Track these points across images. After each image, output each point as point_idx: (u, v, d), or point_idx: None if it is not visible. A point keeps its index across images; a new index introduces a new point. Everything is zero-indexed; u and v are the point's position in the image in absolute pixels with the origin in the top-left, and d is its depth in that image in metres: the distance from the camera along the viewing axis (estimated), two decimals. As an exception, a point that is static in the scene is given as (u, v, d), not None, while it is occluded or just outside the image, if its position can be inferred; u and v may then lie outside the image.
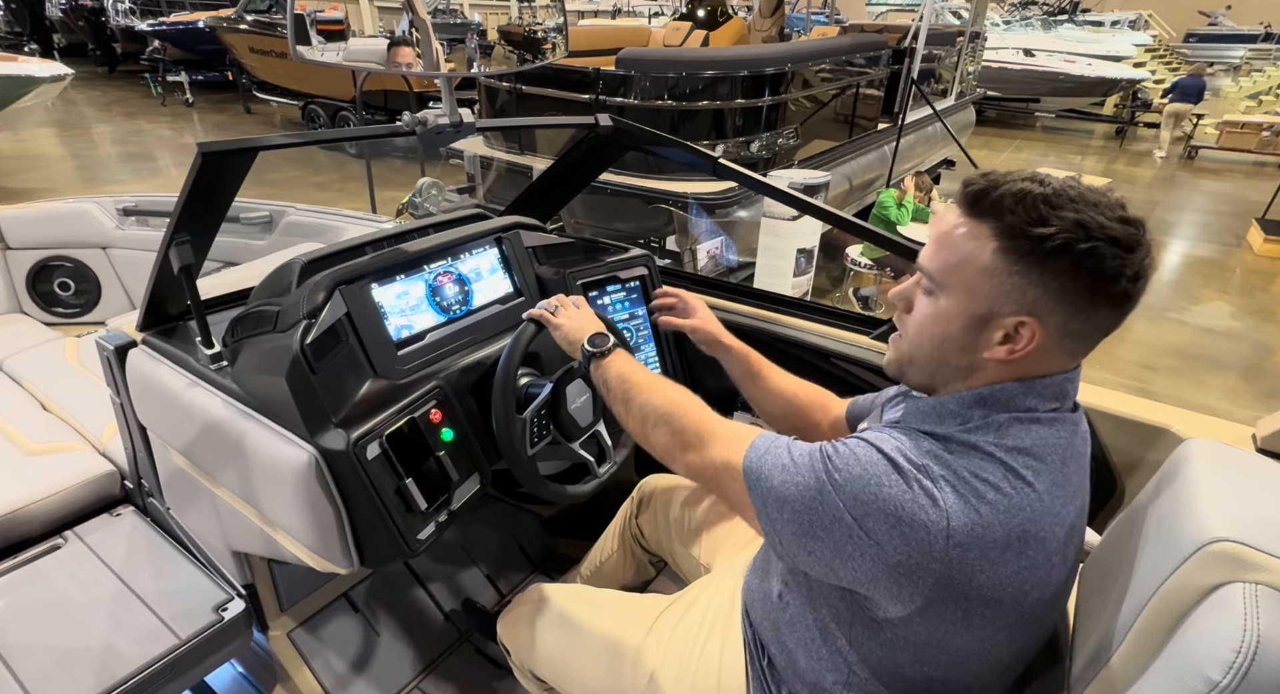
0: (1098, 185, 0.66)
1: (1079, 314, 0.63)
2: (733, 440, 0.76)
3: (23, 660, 1.17)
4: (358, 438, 0.97)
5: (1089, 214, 0.61)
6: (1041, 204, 0.62)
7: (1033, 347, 0.65)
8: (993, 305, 0.65)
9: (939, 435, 0.67)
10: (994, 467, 0.64)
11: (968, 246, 0.66)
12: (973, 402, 0.68)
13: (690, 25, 5.51)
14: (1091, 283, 0.62)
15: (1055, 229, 0.61)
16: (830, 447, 0.68)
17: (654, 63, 3.54)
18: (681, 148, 1.29)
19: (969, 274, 0.66)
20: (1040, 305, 0.63)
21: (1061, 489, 0.66)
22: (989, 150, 8.96)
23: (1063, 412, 0.69)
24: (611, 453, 1.19)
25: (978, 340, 0.67)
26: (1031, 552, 0.64)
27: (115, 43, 12.09)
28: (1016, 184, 0.64)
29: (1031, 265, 0.62)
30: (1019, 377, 0.68)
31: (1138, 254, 0.62)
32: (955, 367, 0.70)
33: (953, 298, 0.68)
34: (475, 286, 1.28)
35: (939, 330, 0.69)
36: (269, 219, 2.18)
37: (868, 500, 0.63)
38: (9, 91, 5.63)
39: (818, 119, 4.30)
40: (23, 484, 1.48)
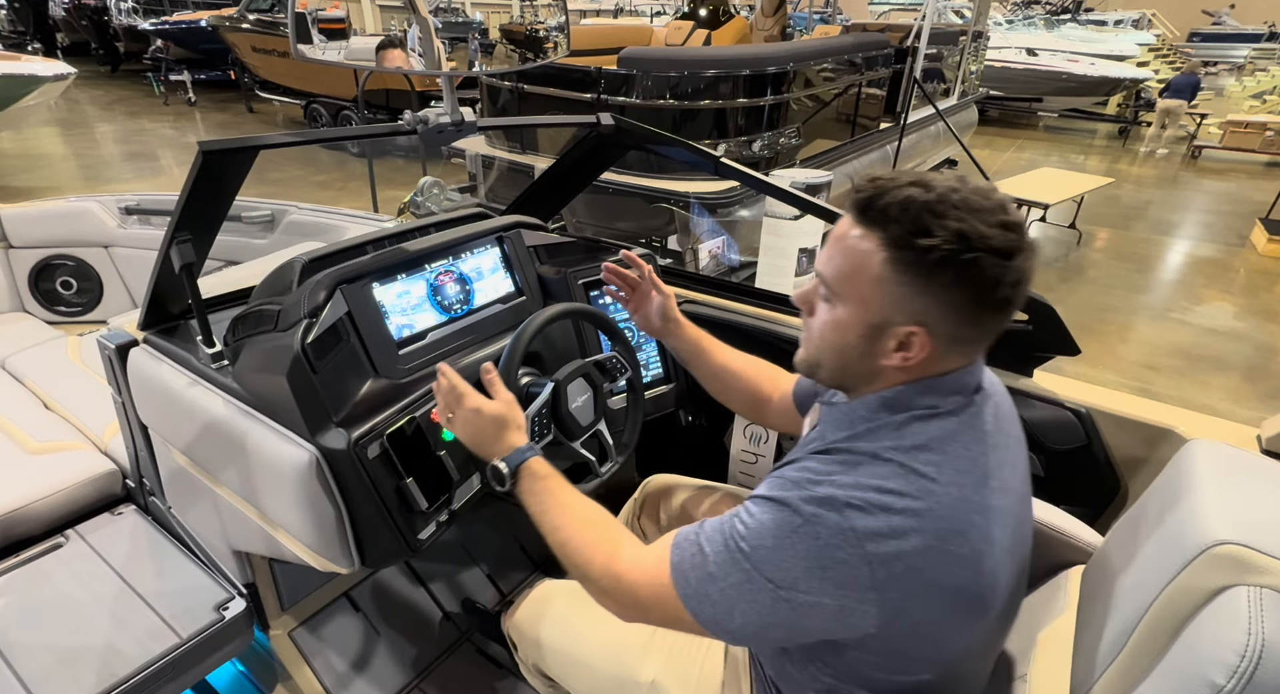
0: (982, 185, 0.66)
1: (966, 322, 0.65)
2: (657, 585, 0.72)
3: (24, 659, 1.17)
4: (359, 437, 0.97)
5: (970, 223, 0.61)
6: (925, 213, 0.62)
7: (925, 354, 0.66)
8: (885, 314, 0.66)
9: (843, 449, 0.68)
10: (895, 472, 0.65)
11: (858, 256, 0.66)
12: (878, 406, 0.70)
13: (692, 24, 5.51)
14: (975, 293, 0.63)
15: (938, 240, 0.61)
16: (741, 525, 0.67)
17: (656, 62, 3.53)
18: (683, 147, 1.29)
19: (861, 284, 0.67)
20: (929, 314, 0.65)
21: (969, 475, 0.66)
22: (991, 150, 8.94)
23: (965, 400, 0.69)
24: (613, 452, 1.19)
25: (875, 348, 0.68)
26: (955, 546, 0.64)
27: (118, 42, 12.12)
28: (902, 192, 0.64)
29: (918, 276, 0.63)
30: (918, 378, 0.69)
31: (1018, 260, 0.62)
32: (858, 372, 0.71)
33: (848, 307, 0.69)
34: (476, 286, 1.28)
35: (838, 338, 0.70)
36: (271, 218, 2.18)
37: (790, 566, 0.64)
38: (12, 90, 5.65)
39: (820, 118, 4.30)
40: (25, 483, 1.48)
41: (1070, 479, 1.13)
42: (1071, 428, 1.11)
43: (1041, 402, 1.15)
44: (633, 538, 0.80)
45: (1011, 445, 0.73)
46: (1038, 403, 1.15)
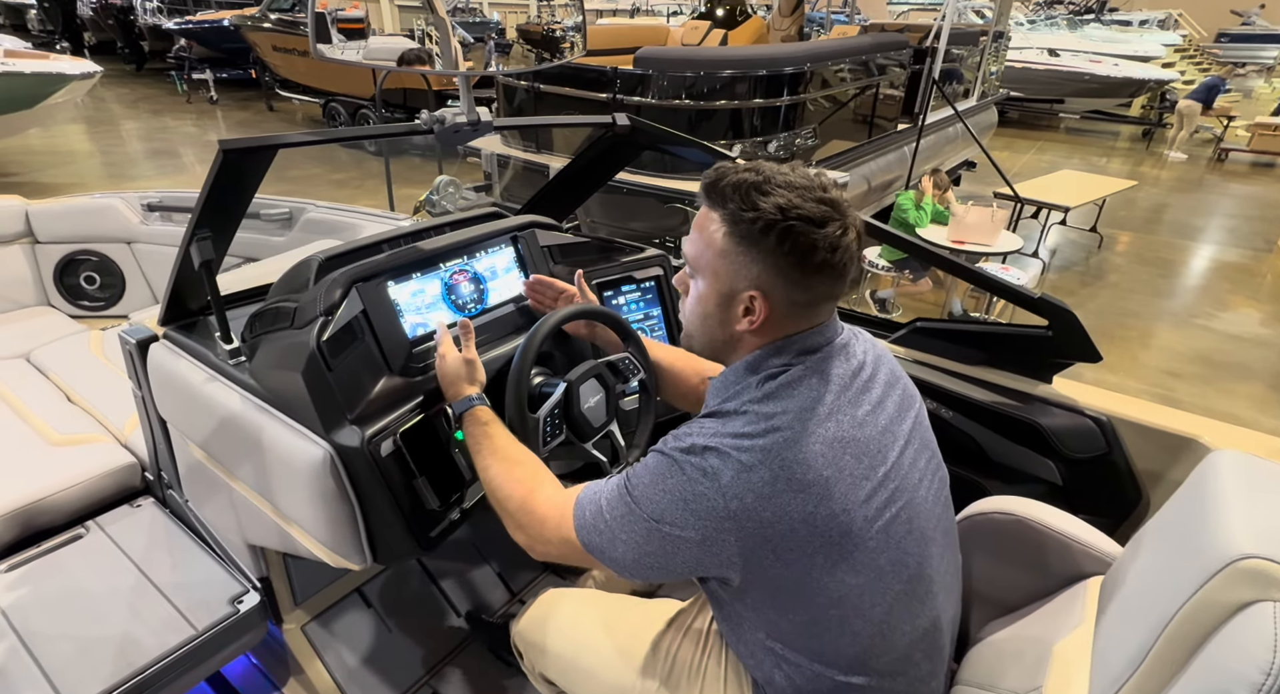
0: (809, 171, 0.77)
1: (796, 284, 0.74)
2: (560, 517, 0.83)
3: (45, 648, 1.19)
4: (372, 435, 0.98)
5: (789, 197, 0.72)
6: (753, 191, 0.73)
7: (766, 315, 0.76)
8: (732, 283, 0.77)
9: (715, 412, 0.78)
10: (749, 420, 0.74)
11: (706, 234, 0.77)
12: (743, 370, 0.80)
13: (709, 24, 5.49)
14: (797, 257, 0.72)
15: (759, 213, 0.72)
16: (630, 470, 0.79)
17: (672, 62, 3.52)
18: (698, 147, 1.29)
19: (711, 257, 0.77)
20: (763, 279, 0.75)
21: (811, 411, 0.73)
22: (1011, 152, 8.83)
23: (815, 355, 0.78)
24: (625, 454, 1.18)
25: (728, 315, 0.79)
26: (800, 473, 0.70)
27: (143, 41, 12.32)
28: (737, 175, 0.75)
29: (750, 246, 0.74)
30: (771, 341, 0.79)
31: (829, 228, 0.72)
32: (722, 341, 0.82)
33: (705, 280, 0.80)
34: (490, 285, 1.28)
35: (701, 309, 0.81)
36: (289, 216, 2.21)
37: (659, 499, 0.74)
38: (41, 88, 5.77)
39: (836, 119, 4.27)
40: (47, 474, 1.51)
41: (1090, 488, 1.11)
42: (1091, 436, 1.09)
43: (1060, 408, 1.13)
44: (554, 481, 0.91)
45: (877, 389, 0.80)
46: (1057, 410, 1.13)
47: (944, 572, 0.82)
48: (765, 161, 0.78)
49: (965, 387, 1.21)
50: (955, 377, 1.23)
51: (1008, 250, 3.92)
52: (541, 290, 1.26)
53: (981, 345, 1.21)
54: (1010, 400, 1.16)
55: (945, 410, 1.21)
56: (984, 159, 5.99)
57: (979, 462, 1.19)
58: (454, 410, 1.00)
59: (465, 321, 1.06)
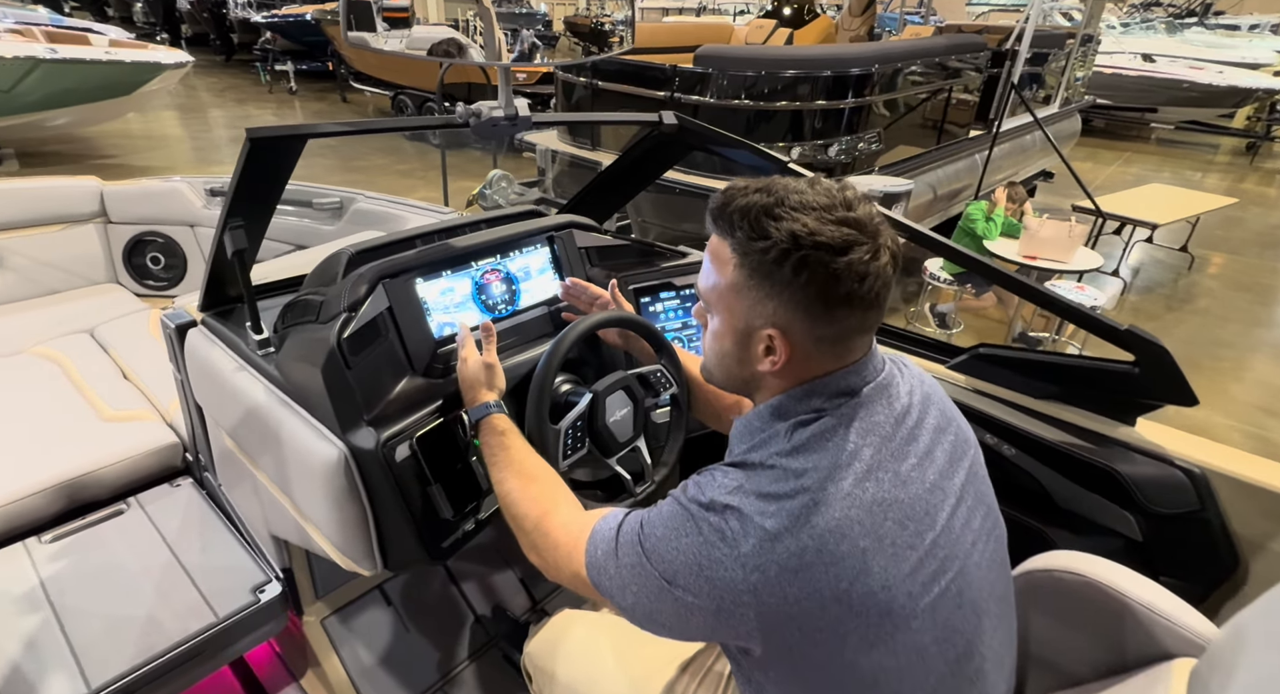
0: (832, 184, 0.67)
1: (819, 320, 0.65)
2: (573, 547, 0.76)
3: (75, 623, 1.22)
4: (388, 438, 0.94)
5: (804, 221, 0.62)
6: (763, 216, 0.64)
7: (789, 355, 0.67)
8: (747, 320, 0.68)
9: (739, 462, 0.69)
10: (776, 476, 0.65)
11: (718, 265, 0.69)
12: (769, 415, 0.71)
13: (775, 23, 5.35)
14: (817, 289, 0.63)
15: (771, 242, 0.63)
16: (648, 514, 0.70)
17: (732, 60, 3.43)
18: (748, 149, 1.21)
19: (723, 292, 0.69)
20: (782, 316, 0.66)
21: (847, 468, 0.64)
22: (1094, 163, 8.30)
23: (852, 400, 0.68)
24: (650, 472, 1.12)
25: (747, 354, 0.70)
26: (833, 544, 0.61)
27: (233, 33, 12.99)
28: (746, 197, 0.66)
29: (763, 279, 0.65)
30: (799, 381, 0.70)
31: (854, 254, 0.62)
32: (744, 380, 0.74)
33: (720, 316, 0.72)
34: (523, 286, 1.24)
35: (719, 346, 0.73)
36: (339, 205, 2.24)
37: (673, 558, 0.65)
38: (138, 76, 6.19)
39: (904, 123, 4.08)
40: (96, 449, 1.56)
41: (1174, 549, 0.98)
42: (1180, 489, 0.96)
43: (1144, 456, 1.00)
44: (572, 502, 0.85)
45: (925, 436, 0.70)
46: (1140, 456, 1.00)
47: (997, 645, 0.72)
48: (781, 179, 0.68)
49: (1031, 423, 1.09)
50: (1020, 410, 1.11)
51: (1085, 268, 3.65)
52: (576, 295, 1.21)
53: (1053, 378, 1.08)
54: (1084, 442, 1.03)
55: (1006, 447, 1.10)
56: (1063, 169, 5.64)
57: (1042, 507, 1.07)
58: (470, 417, 0.96)
59: (487, 323, 1.02)
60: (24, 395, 1.75)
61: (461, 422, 0.97)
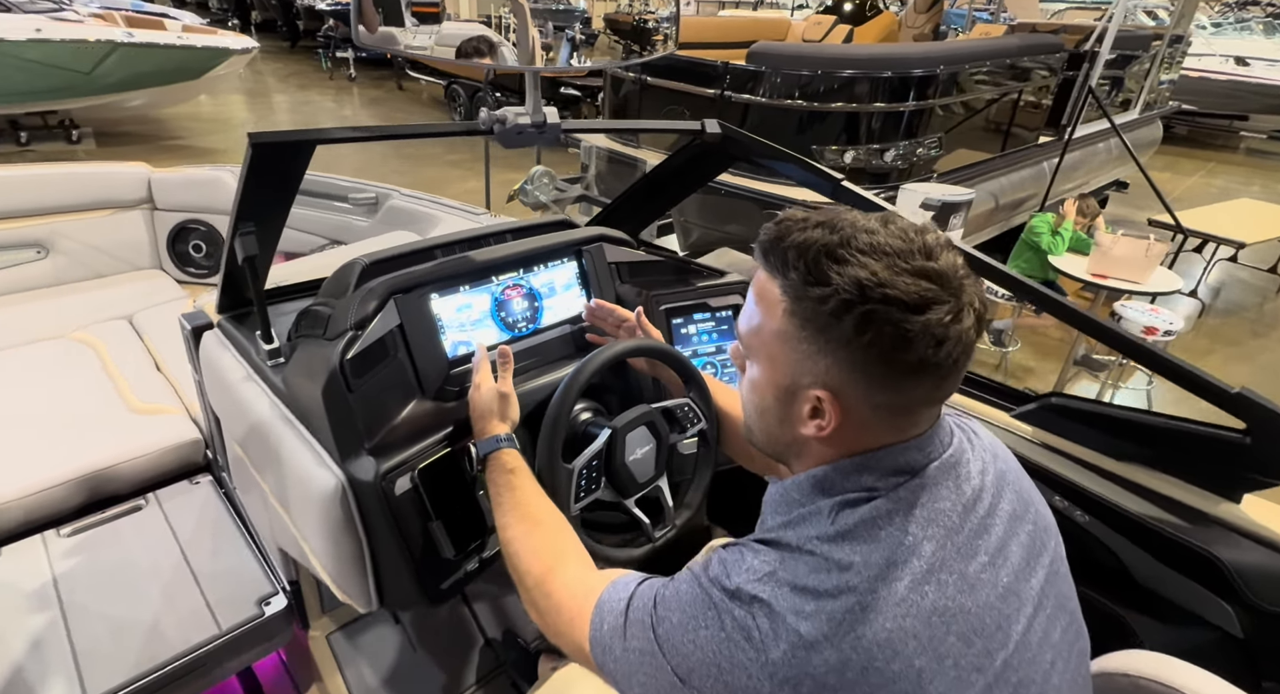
0: (911, 225, 0.57)
1: (881, 387, 0.55)
2: (576, 613, 0.68)
3: (80, 624, 1.20)
4: (387, 470, 0.88)
5: (873, 268, 0.53)
6: (824, 257, 0.55)
7: (839, 422, 0.57)
8: (793, 376, 0.59)
9: (772, 541, 0.59)
10: (816, 566, 0.55)
11: (763, 308, 0.60)
12: (810, 487, 0.61)
13: (834, 19, 5.13)
14: (883, 351, 0.53)
15: (830, 290, 0.54)
16: (664, 590, 0.61)
17: (787, 58, 3.27)
18: (798, 164, 1.10)
19: (767, 338, 0.60)
20: (834, 376, 0.56)
21: (904, 567, 0.54)
22: (1173, 173, 7.77)
23: (912, 480, 0.58)
24: (672, 514, 1.03)
25: (790, 413, 0.61)
26: (882, 661, 0.51)
27: (299, 20, 13.35)
28: (804, 233, 0.57)
29: (816, 331, 0.56)
30: (850, 453, 0.60)
31: (933, 313, 0.52)
32: (785, 442, 0.64)
33: (760, 365, 0.62)
34: (546, 303, 1.16)
35: (758, 400, 0.64)
36: (375, 201, 2.21)
37: (688, 653, 0.56)
38: (207, 61, 6.46)
39: (966, 127, 3.85)
40: (121, 442, 1.55)
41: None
42: None
43: (1251, 540, 0.85)
44: (581, 556, 0.77)
45: (998, 527, 0.59)
46: (1245, 541, 0.86)
47: None
48: (848, 213, 0.58)
49: (1111, 489, 0.95)
50: (1098, 473, 0.98)
51: (1161, 291, 3.38)
52: (602, 317, 1.13)
53: (1141, 439, 0.94)
54: (1176, 517, 0.90)
55: (1079, 513, 0.96)
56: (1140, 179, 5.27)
57: (1120, 586, 0.94)
58: (478, 451, 0.88)
59: (504, 349, 0.94)
60: (59, 381, 1.77)
61: (469, 453, 0.90)
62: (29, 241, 2.26)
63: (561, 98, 7.73)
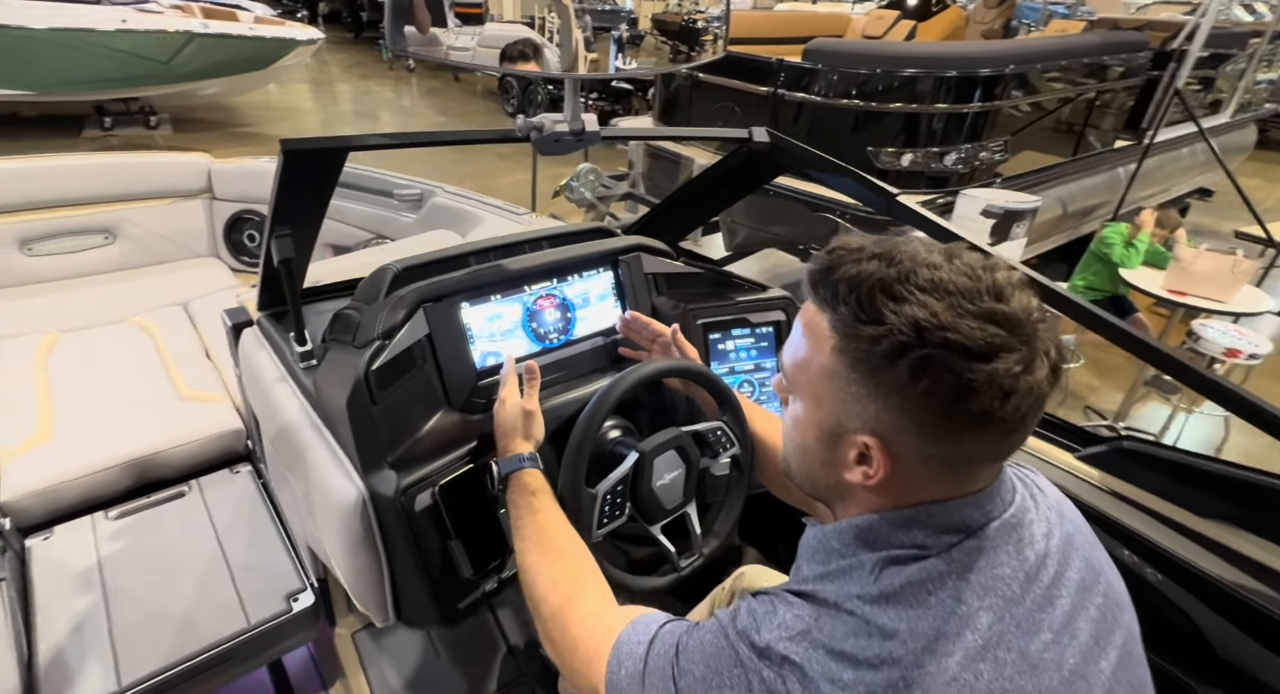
0: (979, 260, 0.51)
1: (936, 438, 0.51)
2: (593, 653, 0.64)
3: (119, 610, 1.24)
4: (408, 485, 0.86)
5: (934, 308, 0.48)
6: (879, 293, 0.50)
7: (888, 473, 0.53)
8: (839, 418, 0.55)
9: (806, 593, 0.55)
10: (856, 629, 0.51)
11: (811, 341, 0.56)
12: (853, 538, 0.57)
13: (897, 14, 4.92)
14: (941, 401, 0.48)
15: (885, 329, 0.49)
16: (687, 638, 0.58)
17: (845, 56, 3.15)
18: (851, 177, 1.03)
19: (813, 375, 0.56)
20: (884, 423, 0.52)
21: (956, 639, 0.48)
22: (1264, 181, 7.21)
23: (968, 540, 0.53)
24: (700, 543, 0.98)
25: (834, 457, 0.56)
26: None
27: (363, 11, 13.71)
28: (859, 265, 0.52)
29: (867, 373, 0.51)
30: (899, 505, 0.55)
31: (1000, 362, 0.47)
32: (827, 484, 0.59)
33: (804, 402, 0.58)
34: (579, 313, 1.12)
35: (799, 438, 0.60)
36: (419, 197, 2.22)
37: None
38: (275, 52, 6.73)
39: (1035, 130, 3.64)
40: (169, 428, 1.60)
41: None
42: None
43: None
44: (601, 589, 0.74)
45: (1065, 598, 0.53)
46: None
47: None
48: (908, 244, 0.53)
49: (1190, 548, 0.86)
50: (1173, 528, 0.88)
51: (1246, 311, 3.13)
52: (636, 331, 1.09)
53: (1226, 493, 0.85)
54: (1266, 586, 0.80)
55: (1150, 571, 0.87)
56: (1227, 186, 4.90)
57: (1195, 655, 0.84)
58: (500, 470, 0.86)
59: (530, 364, 0.91)
60: (117, 365, 1.84)
61: (491, 471, 0.88)
62: (98, 227, 2.36)
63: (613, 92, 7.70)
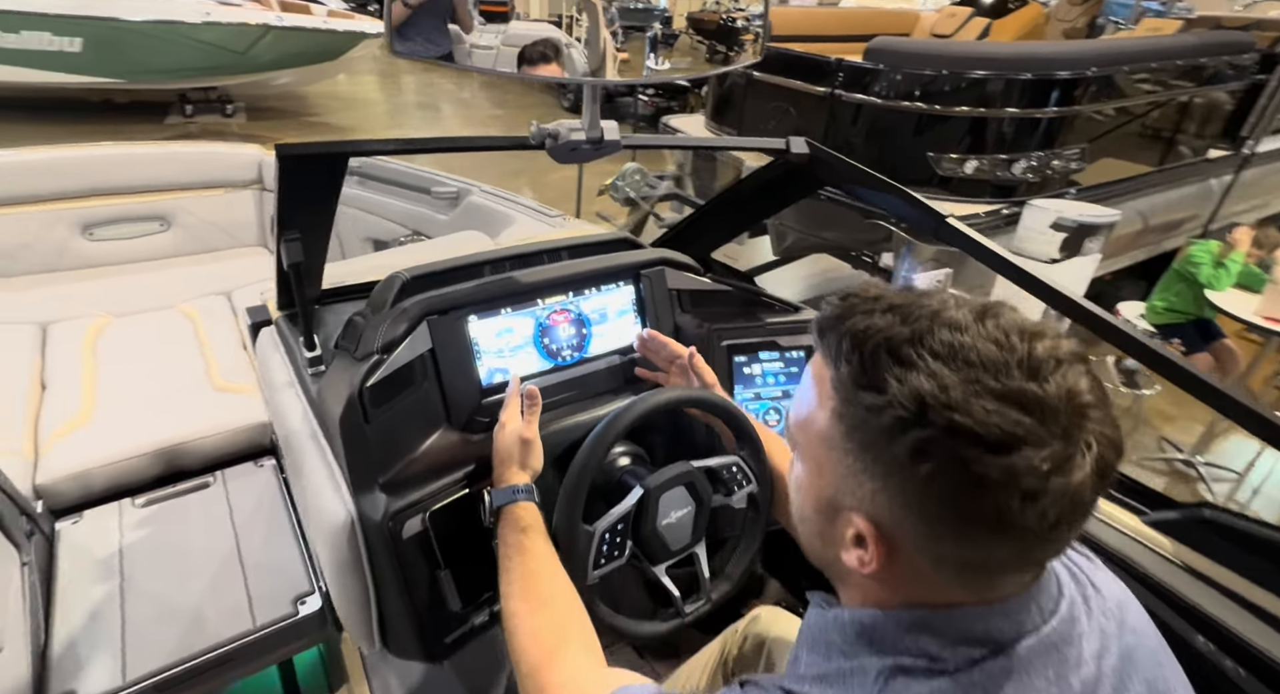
0: (1016, 324, 0.42)
1: (942, 536, 0.42)
2: None
3: (134, 602, 1.25)
4: (398, 510, 0.82)
5: (944, 380, 0.39)
6: (885, 355, 0.42)
7: (883, 564, 0.45)
8: (835, 490, 0.48)
9: None
10: None
11: (817, 394, 0.49)
12: (855, 635, 0.48)
13: (970, 11, 4.66)
14: (946, 493, 0.40)
15: (885, 399, 0.41)
16: None
17: (909, 56, 2.98)
18: (897, 195, 0.93)
19: (813, 437, 0.49)
20: (880, 507, 0.44)
21: None
22: (1379, 195, 6.54)
23: (993, 659, 0.43)
24: (708, 586, 0.91)
25: (832, 531, 0.49)
26: None
27: (426, 5, 14.03)
28: (869, 318, 0.45)
29: (862, 447, 0.44)
30: (905, 601, 0.47)
31: (1018, 459, 0.38)
32: (826, 561, 0.52)
33: (805, 464, 0.51)
34: (595, 330, 1.06)
35: (799, 503, 0.53)
36: (456, 195, 2.20)
37: None
38: (346, 44, 7.01)
39: (1118, 136, 3.38)
40: (201, 418, 1.62)
41: None
42: None
43: None
44: (587, 644, 0.68)
45: None
46: None
47: None
48: (937, 296, 0.45)
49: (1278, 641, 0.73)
50: (1260, 616, 0.76)
51: (1353, 344, 2.83)
52: (654, 350, 1.02)
53: None
54: None
55: (1230, 663, 0.75)
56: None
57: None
58: (491, 501, 0.80)
59: (531, 389, 0.86)
60: (158, 351, 1.88)
61: (484, 500, 0.83)
62: (154, 215, 2.44)
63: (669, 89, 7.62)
